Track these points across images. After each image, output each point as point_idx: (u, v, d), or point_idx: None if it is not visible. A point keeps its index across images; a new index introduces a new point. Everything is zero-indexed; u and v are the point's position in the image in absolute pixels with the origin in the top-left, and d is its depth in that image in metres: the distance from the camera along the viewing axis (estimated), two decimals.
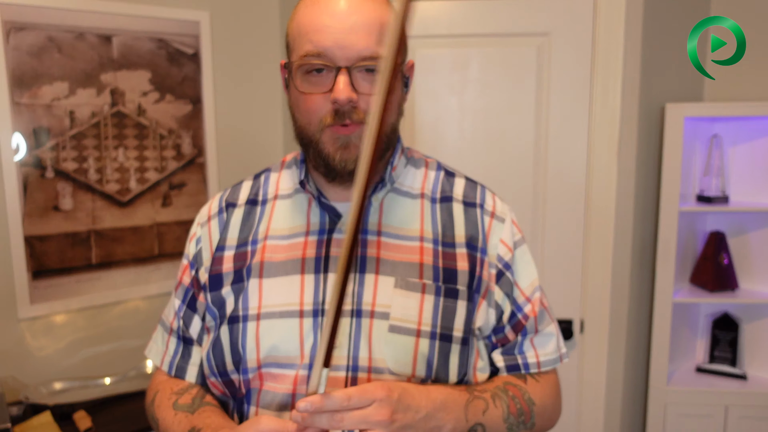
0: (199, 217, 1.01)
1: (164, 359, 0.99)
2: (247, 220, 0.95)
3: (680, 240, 2.15)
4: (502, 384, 0.92)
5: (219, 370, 0.89)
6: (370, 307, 0.85)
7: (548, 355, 0.97)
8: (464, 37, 2.06)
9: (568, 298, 2.14)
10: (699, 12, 2.22)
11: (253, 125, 2.31)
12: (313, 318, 0.85)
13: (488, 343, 0.96)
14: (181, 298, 0.98)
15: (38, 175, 1.86)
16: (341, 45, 0.81)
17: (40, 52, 1.83)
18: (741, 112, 2.07)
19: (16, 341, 1.87)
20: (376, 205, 0.92)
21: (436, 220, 0.93)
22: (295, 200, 0.95)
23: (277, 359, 0.85)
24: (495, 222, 0.96)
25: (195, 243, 0.98)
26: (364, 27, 0.82)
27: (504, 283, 0.94)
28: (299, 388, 0.84)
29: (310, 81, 0.84)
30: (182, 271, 0.99)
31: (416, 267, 0.88)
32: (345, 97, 0.81)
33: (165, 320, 1.02)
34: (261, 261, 0.90)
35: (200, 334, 0.97)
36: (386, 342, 0.84)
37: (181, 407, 0.93)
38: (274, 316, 0.86)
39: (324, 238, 0.90)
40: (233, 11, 2.21)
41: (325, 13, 0.83)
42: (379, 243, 0.89)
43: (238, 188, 1.01)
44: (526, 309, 0.95)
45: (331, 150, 0.85)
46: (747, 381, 2.20)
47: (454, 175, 1.00)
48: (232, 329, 0.87)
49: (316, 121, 0.85)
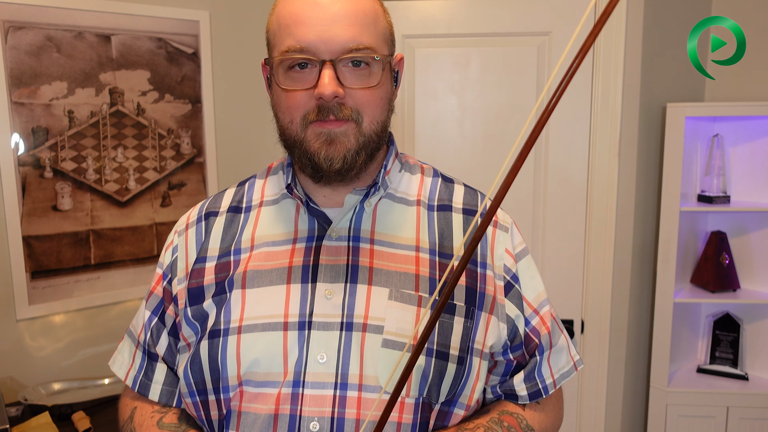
0: (177, 226, 0.95)
1: (129, 373, 0.93)
2: (229, 229, 0.89)
3: (681, 240, 2.15)
4: (497, 415, 0.87)
5: (197, 388, 0.82)
6: (362, 320, 0.79)
7: (561, 370, 0.92)
8: (464, 37, 2.06)
9: (569, 298, 2.14)
10: (699, 12, 2.22)
11: (253, 125, 2.30)
12: (298, 331, 0.79)
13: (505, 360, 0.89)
14: (151, 310, 0.92)
15: (37, 174, 1.85)
16: (324, 38, 0.77)
17: (39, 52, 1.82)
18: (742, 112, 2.06)
19: (14, 342, 1.87)
20: (369, 211, 0.87)
21: (433, 229, 0.87)
22: (281, 206, 0.89)
23: (259, 376, 0.78)
24: (499, 231, 0.90)
25: (171, 252, 0.92)
26: (347, 17, 0.78)
27: (513, 295, 0.89)
28: (282, 408, 0.77)
29: (293, 77, 0.79)
30: (155, 281, 0.93)
31: (412, 278, 0.82)
32: (330, 91, 0.76)
33: (133, 331, 0.95)
34: (244, 271, 0.84)
35: (166, 351, 0.91)
36: (379, 357, 0.78)
37: (167, 427, 0.86)
38: (257, 329, 0.79)
39: (312, 245, 0.84)
40: (233, 11, 2.20)
41: (306, 4, 0.78)
42: (372, 251, 0.84)
43: (221, 196, 0.95)
44: (534, 322, 0.89)
45: (316, 146, 0.79)
46: (748, 382, 2.19)
47: (452, 181, 0.95)
48: (211, 344, 0.81)
49: (299, 118, 0.80)
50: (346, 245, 0.84)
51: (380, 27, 0.82)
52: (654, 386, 2.16)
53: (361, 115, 0.80)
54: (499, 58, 2.05)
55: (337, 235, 0.85)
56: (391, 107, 0.86)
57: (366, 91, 0.80)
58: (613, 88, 2.00)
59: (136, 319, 0.95)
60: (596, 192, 2.06)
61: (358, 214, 0.86)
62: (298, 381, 0.77)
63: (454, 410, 0.83)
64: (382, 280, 0.82)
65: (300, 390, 0.77)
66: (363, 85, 0.79)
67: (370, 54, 0.78)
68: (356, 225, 0.86)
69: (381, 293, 0.81)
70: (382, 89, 0.82)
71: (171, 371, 0.91)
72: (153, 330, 0.91)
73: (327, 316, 0.80)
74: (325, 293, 0.81)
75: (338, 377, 0.77)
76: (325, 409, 0.76)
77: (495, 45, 2.05)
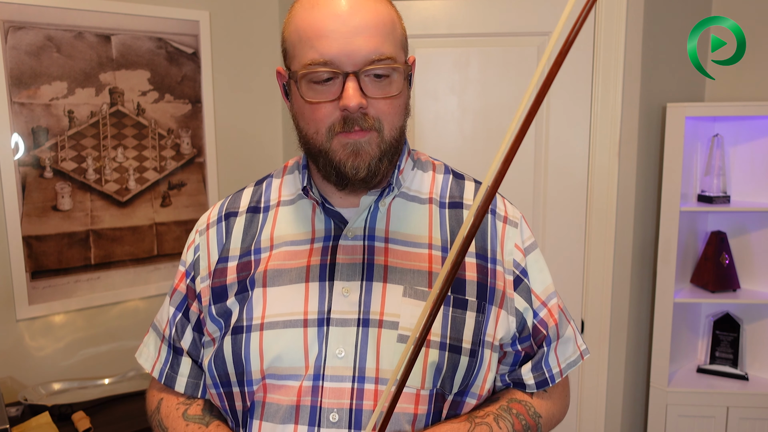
0: (198, 225, 0.99)
1: (155, 366, 0.97)
2: (249, 229, 0.93)
3: (681, 240, 2.15)
4: (507, 403, 0.91)
5: (221, 380, 0.86)
6: (378, 317, 0.83)
7: (568, 359, 0.96)
8: (464, 37, 2.06)
9: (569, 298, 2.14)
10: (699, 12, 2.22)
11: (253, 125, 2.30)
12: (317, 327, 0.83)
13: (513, 351, 0.93)
14: (176, 306, 0.96)
15: (37, 174, 1.85)
16: (347, 51, 0.78)
17: (39, 52, 1.82)
18: (742, 112, 2.06)
19: (14, 342, 1.86)
20: (383, 211, 0.90)
21: (445, 227, 0.90)
22: (298, 206, 0.92)
23: (281, 370, 0.83)
24: (508, 227, 0.93)
25: (193, 251, 0.96)
26: (368, 28, 0.79)
27: (522, 289, 0.92)
28: (303, 400, 0.81)
29: (316, 89, 0.81)
30: (179, 279, 0.97)
31: (425, 275, 0.86)
32: (355, 103, 0.78)
33: (158, 325, 0.99)
34: (265, 270, 0.87)
35: (191, 345, 0.95)
36: (395, 352, 0.81)
37: (192, 418, 0.91)
38: (278, 326, 0.83)
39: (330, 244, 0.87)
40: (233, 11, 2.20)
41: (327, 16, 0.79)
42: (386, 250, 0.87)
43: (239, 195, 0.99)
44: (542, 314, 0.93)
45: (342, 157, 0.82)
46: (748, 382, 2.19)
47: (463, 178, 0.97)
48: (235, 340, 0.85)
49: (325, 129, 0.82)
50: (361, 244, 0.88)
51: (398, 35, 0.85)
52: (654, 386, 2.16)
53: (383, 124, 0.83)
54: (499, 58, 2.05)
55: (353, 235, 0.88)
56: (407, 111, 0.88)
57: (387, 101, 0.82)
58: (613, 88, 2.00)
59: (161, 314, 0.99)
60: (596, 192, 2.06)
61: (372, 213, 0.90)
62: (318, 375, 0.81)
63: (467, 400, 0.88)
64: (396, 277, 0.85)
65: (320, 383, 0.81)
66: (385, 95, 0.82)
67: (392, 64, 0.81)
68: (371, 224, 0.89)
69: (396, 290, 0.84)
70: (401, 97, 0.85)
71: (195, 364, 0.96)
72: (178, 325, 0.96)
73: (344, 313, 0.83)
74: (342, 291, 0.84)
75: (356, 371, 0.81)
76: (344, 401, 0.81)
77: (495, 45, 2.05)
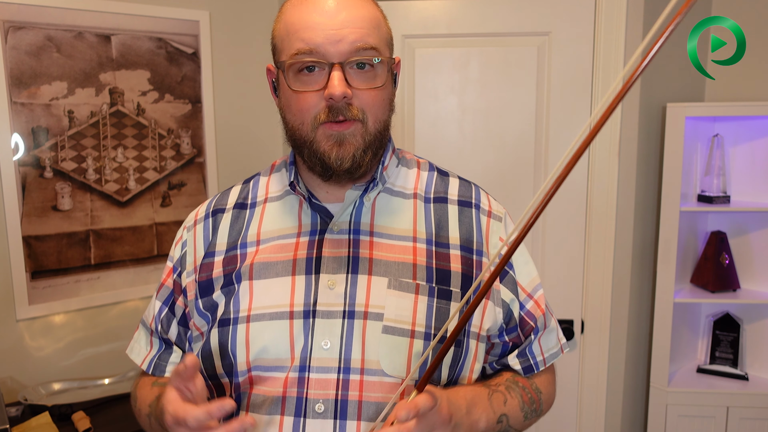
0: (186, 222, 1.00)
1: (146, 359, 1.00)
2: (235, 224, 0.95)
3: (681, 240, 2.15)
4: (511, 376, 0.95)
5: (209, 373, 0.88)
6: (364, 308, 0.84)
7: (551, 350, 1.00)
8: (464, 37, 2.06)
9: (569, 298, 2.14)
10: (699, 12, 2.22)
11: (253, 125, 2.30)
12: (303, 319, 0.84)
13: (501, 342, 0.96)
14: (162, 300, 0.98)
15: (37, 174, 1.85)
16: (333, 40, 0.81)
17: (39, 52, 1.82)
18: (742, 112, 2.06)
19: (14, 342, 1.86)
20: (368, 205, 0.92)
21: (430, 220, 0.92)
22: (285, 202, 0.94)
23: (267, 362, 0.84)
24: (493, 221, 0.96)
25: (180, 247, 0.98)
26: (354, 22, 0.82)
27: (508, 281, 0.94)
28: (289, 391, 0.82)
29: (302, 80, 0.83)
30: (166, 274, 0.99)
31: (409, 267, 0.87)
32: (340, 92, 0.80)
33: (145, 321, 1.01)
34: (251, 263, 0.89)
35: (177, 339, 0.97)
36: (380, 343, 0.83)
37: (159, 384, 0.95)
38: (264, 318, 0.85)
39: (316, 238, 0.89)
40: (233, 11, 2.20)
41: (314, 11, 0.82)
42: (371, 243, 0.89)
43: (227, 193, 1.00)
44: (528, 306, 0.95)
45: (326, 147, 0.84)
46: (748, 382, 2.19)
47: (448, 174, 1.00)
48: (222, 332, 0.86)
49: (310, 119, 0.84)
50: (347, 238, 0.89)
51: (383, 32, 0.88)
52: (654, 386, 2.16)
53: (367, 115, 0.85)
54: (499, 58, 2.05)
55: (339, 229, 0.90)
56: (392, 107, 0.91)
57: (371, 92, 0.84)
58: (613, 88, 2.00)
59: (149, 309, 1.01)
60: (596, 192, 2.06)
61: (357, 208, 0.91)
62: (304, 366, 0.82)
63: None
64: (381, 270, 0.87)
65: (306, 374, 0.82)
66: (369, 86, 0.84)
67: (376, 54, 0.83)
68: (356, 218, 0.91)
69: (380, 282, 0.86)
70: (385, 90, 0.87)
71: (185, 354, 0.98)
72: (163, 320, 0.98)
73: (330, 305, 0.85)
74: (328, 284, 0.86)
75: (341, 362, 0.82)
76: (330, 392, 0.82)
77: (495, 45, 2.05)
